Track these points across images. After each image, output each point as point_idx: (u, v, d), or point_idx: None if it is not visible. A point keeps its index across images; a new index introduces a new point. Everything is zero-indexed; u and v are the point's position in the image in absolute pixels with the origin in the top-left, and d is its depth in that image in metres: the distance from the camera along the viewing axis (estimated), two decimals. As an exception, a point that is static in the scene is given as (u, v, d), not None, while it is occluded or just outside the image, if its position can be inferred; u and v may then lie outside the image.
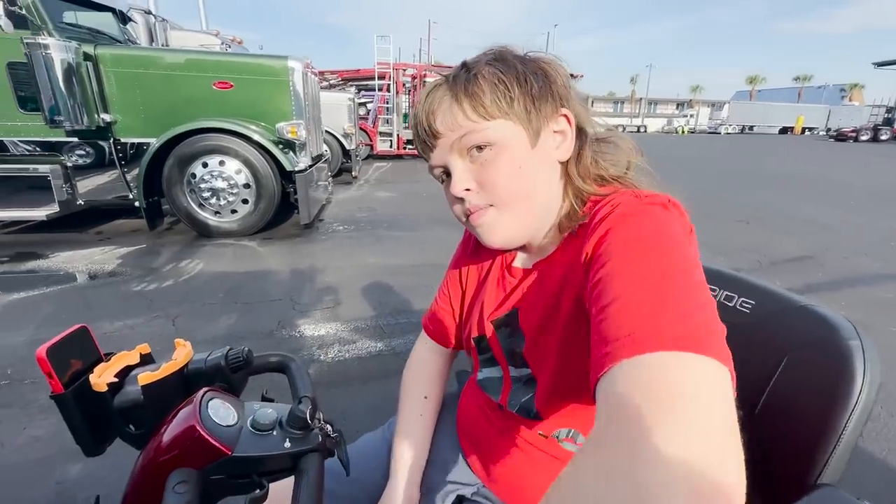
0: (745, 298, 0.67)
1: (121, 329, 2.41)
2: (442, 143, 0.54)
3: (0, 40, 3.59)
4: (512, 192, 0.53)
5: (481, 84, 0.51)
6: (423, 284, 3.13)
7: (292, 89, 4.35)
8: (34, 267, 3.41)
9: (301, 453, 0.44)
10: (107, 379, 0.51)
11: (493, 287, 0.65)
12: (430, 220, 5.21)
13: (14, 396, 1.83)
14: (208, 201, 4.15)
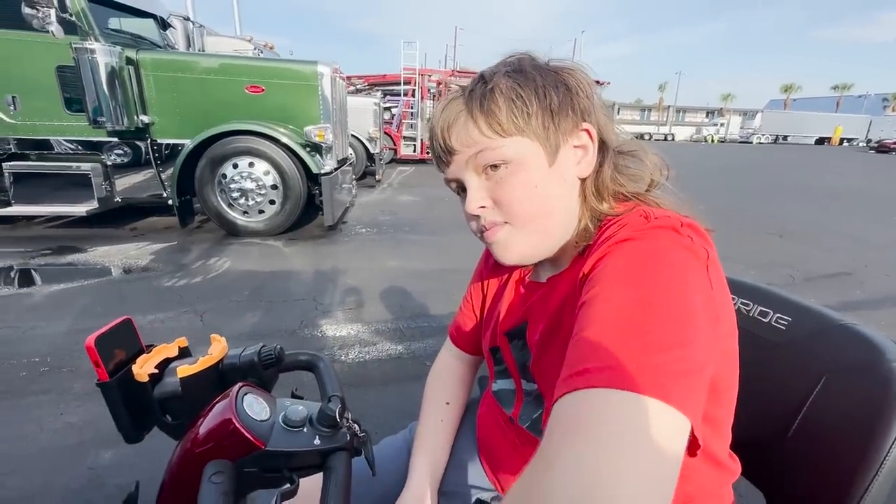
0: (780, 315, 0.65)
1: (152, 322, 2.50)
2: (457, 158, 0.53)
3: (51, 45, 3.78)
4: (527, 212, 0.52)
5: (497, 99, 0.50)
6: (443, 289, 3.14)
7: (321, 94, 4.45)
8: (73, 260, 3.57)
9: (330, 451, 0.45)
10: (148, 370, 0.53)
11: (509, 299, 0.65)
12: (452, 225, 5.22)
13: (52, 383, 1.92)
14: (237, 201, 4.27)
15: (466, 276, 3.06)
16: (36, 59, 3.92)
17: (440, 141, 0.54)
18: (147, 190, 4.47)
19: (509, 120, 0.50)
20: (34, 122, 4.06)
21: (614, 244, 0.44)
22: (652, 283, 0.38)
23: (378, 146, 8.83)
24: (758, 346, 0.65)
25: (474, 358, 0.80)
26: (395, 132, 12.51)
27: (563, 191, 0.53)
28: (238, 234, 4.36)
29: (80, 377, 1.98)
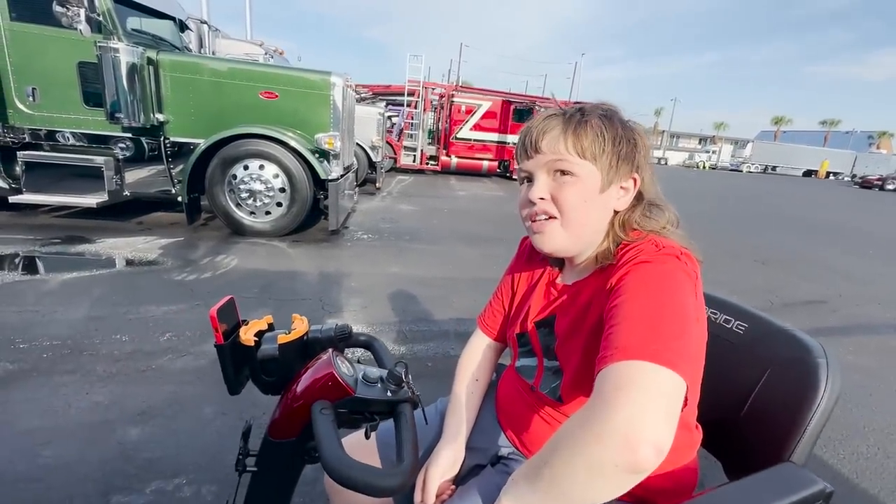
0: (739, 322, 0.82)
1: (166, 313, 2.62)
2: (539, 158, 0.70)
3: (75, 42, 3.92)
4: (573, 215, 0.69)
5: (587, 130, 0.67)
6: (443, 296, 3.29)
7: (332, 103, 4.63)
8: (83, 250, 3.67)
9: (398, 402, 0.61)
10: (249, 338, 0.68)
11: (540, 296, 0.81)
12: (451, 235, 5.40)
13: (76, 364, 2.03)
14: (245, 202, 4.41)
15: (464, 285, 3.35)
16: (58, 54, 4.05)
17: (533, 139, 0.70)
18: (154, 185, 4.59)
19: (589, 148, 0.67)
20: (51, 113, 4.17)
21: (635, 265, 0.61)
22: (663, 294, 0.56)
23: (380, 155, 9.02)
24: (721, 345, 0.82)
25: (498, 344, 0.96)
26: (396, 142, 12.74)
27: (601, 214, 0.70)
28: (244, 233, 4.48)
29: (101, 360, 2.09)
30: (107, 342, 2.25)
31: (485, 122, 13.38)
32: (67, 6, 3.55)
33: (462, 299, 3.28)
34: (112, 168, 4.30)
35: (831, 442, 1.98)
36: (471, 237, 5.37)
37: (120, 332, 2.36)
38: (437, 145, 13.59)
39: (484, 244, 5.08)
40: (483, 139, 13.48)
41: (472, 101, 13.32)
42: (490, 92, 14.14)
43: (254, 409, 1.79)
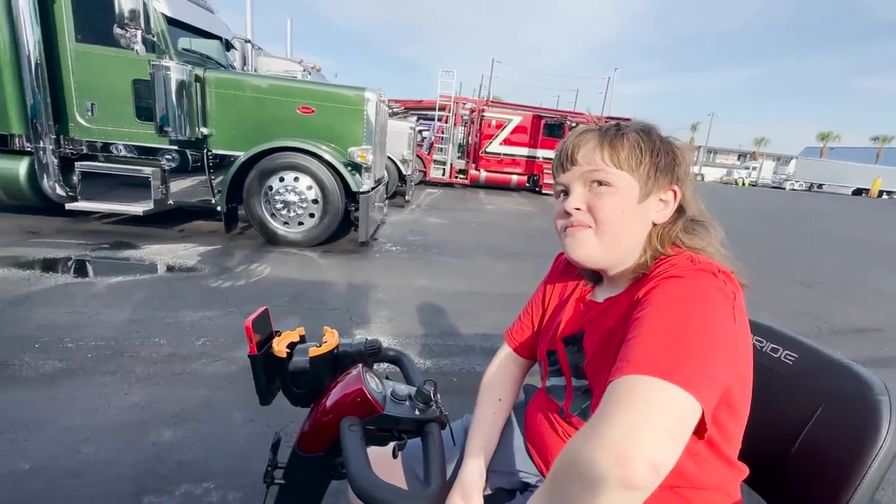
0: (788, 351, 0.77)
1: (201, 319, 2.71)
2: (575, 170, 0.69)
3: (131, 61, 4.20)
4: (609, 224, 0.67)
5: (624, 142, 0.67)
6: (469, 311, 3.27)
7: (366, 118, 4.76)
8: (128, 255, 3.87)
9: (426, 421, 0.60)
10: (282, 349, 0.69)
11: (570, 312, 0.79)
12: (479, 249, 5.38)
13: (117, 365, 2.12)
14: (280, 212, 4.55)
15: (491, 300, 3.30)
16: (116, 72, 4.34)
17: (568, 152, 0.70)
18: (195, 195, 4.81)
19: (626, 159, 0.67)
20: (107, 127, 4.46)
21: (665, 278, 0.58)
22: (689, 310, 0.52)
23: (410, 168, 9.16)
24: (768, 376, 0.77)
25: (526, 362, 0.94)
26: (427, 155, 12.91)
27: (638, 225, 0.69)
28: (277, 242, 4.61)
29: (139, 362, 2.17)
30: (146, 345, 2.34)
31: (515, 137, 13.40)
32: (126, 28, 3.81)
33: (489, 315, 3.25)
34: (158, 178, 4.53)
35: (892, 486, 1.82)
36: (498, 251, 5.33)
37: (158, 335, 2.46)
38: (467, 159, 13.68)
39: (512, 259, 5.04)
40: (513, 153, 13.48)
41: (502, 116, 13.39)
42: (521, 107, 14.17)
43: (281, 416, 1.82)
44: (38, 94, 4.12)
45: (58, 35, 4.18)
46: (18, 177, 4.30)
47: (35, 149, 4.25)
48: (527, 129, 13.40)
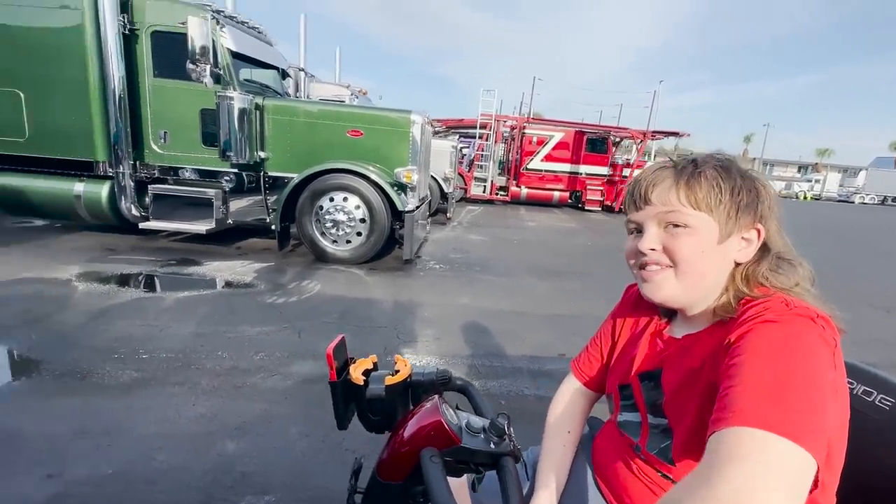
0: (884, 395, 0.72)
1: (258, 334, 2.85)
2: (649, 209, 0.68)
3: (201, 92, 4.56)
4: (688, 266, 0.66)
5: (701, 181, 0.64)
6: (513, 331, 3.24)
7: (412, 139, 4.90)
8: (193, 272, 4.15)
9: (501, 454, 0.61)
10: (359, 376, 0.73)
11: (645, 346, 0.78)
12: (521, 267, 5.34)
13: (185, 377, 2.27)
14: (329, 231, 4.74)
15: (536, 320, 3.26)
16: (186, 103, 4.72)
17: (642, 192, 0.69)
18: (251, 214, 5.11)
19: (704, 200, 0.64)
20: (177, 152, 4.85)
21: (759, 322, 0.56)
22: (792, 358, 0.50)
23: (451, 186, 9.28)
24: (862, 421, 0.72)
25: (594, 394, 0.92)
26: (467, 173, 13.04)
27: (720, 265, 0.66)
28: (326, 260, 4.79)
29: (205, 374, 2.31)
30: (210, 358, 2.49)
31: (556, 153, 13.30)
32: (197, 63, 4.17)
33: (534, 335, 3.20)
34: (220, 199, 4.86)
35: None
36: (542, 270, 5.26)
37: (221, 349, 2.61)
38: (507, 176, 13.68)
39: (555, 278, 4.95)
40: (554, 170, 13.36)
41: (543, 133, 13.34)
42: (562, 123, 14.07)
43: (334, 433, 1.87)
44: (121, 124, 4.55)
45: (138, 71, 4.63)
46: (101, 199, 4.74)
47: (116, 174, 4.68)
48: (569, 145, 13.26)
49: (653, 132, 13.56)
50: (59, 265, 3.97)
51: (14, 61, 4.49)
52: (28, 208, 4.93)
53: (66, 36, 4.42)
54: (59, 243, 4.80)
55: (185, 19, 4.22)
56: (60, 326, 2.75)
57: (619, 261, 4.94)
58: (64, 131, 4.63)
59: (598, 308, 3.95)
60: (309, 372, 2.42)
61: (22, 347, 2.47)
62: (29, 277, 3.59)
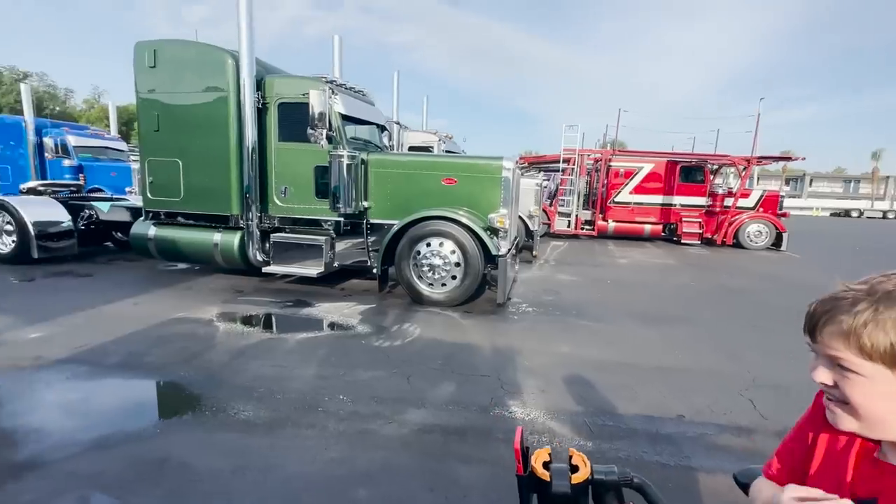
0: None
1: (371, 379, 3.04)
2: (816, 346, 0.65)
3: (316, 152, 5.14)
4: (864, 411, 0.61)
5: (881, 331, 0.56)
6: (622, 385, 3.07)
7: (503, 184, 5.04)
8: (308, 313, 4.57)
9: None
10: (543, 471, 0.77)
11: (852, 469, 0.72)
12: (620, 311, 5.08)
13: (314, 419, 2.49)
14: (426, 274, 4.96)
15: (647, 374, 3.05)
16: (303, 162, 5.35)
17: (812, 326, 0.64)
18: (352, 257, 5.56)
19: (883, 354, 0.57)
20: (294, 205, 5.47)
21: None
22: None
23: (537, 223, 9.25)
24: None
25: None
26: (550, 207, 12.90)
27: None
28: (422, 302, 5.00)
29: (330, 417, 2.51)
30: (333, 401, 2.70)
31: (647, 185, 12.67)
32: (316, 128, 4.75)
33: (647, 391, 3.01)
34: (328, 245, 5.36)
35: None
36: (644, 315, 4.96)
37: (341, 392, 2.82)
38: (593, 210, 13.28)
39: (661, 324, 4.63)
40: (644, 202, 12.70)
41: (631, 164, 12.85)
42: (651, 153, 13.46)
43: (455, 488, 1.91)
44: (252, 183, 5.28)
45: (267, 137, 5.38)
46: (233, 246, 5.47)
47: (246, 225, 5.40)
48: (660, 176, 12.58)
49: (758, 158, 12.39)
50: (203, 305, 4.61)
51: (176, 136, 5.47)
52: (178, 255, 5.85)
53: (213, 112, 5.30)
54: (199, 285, 5.59)
55: (306, 91, 4.87)
56: (210, 364, 3.18)
57: (728, 304, 4.57)
58: (208, 190, 5.48)
59: (712, 361, 3.63)
60: (422, 421, 2.52)
61: (185, 383, 2.89)
62: (182, 317, 4.22)
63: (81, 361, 3.14)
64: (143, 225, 5.80)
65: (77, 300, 4.57)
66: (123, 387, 2.90)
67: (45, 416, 2.47)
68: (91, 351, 3.32)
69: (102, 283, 5.49)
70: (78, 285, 5.38)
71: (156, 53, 5.36)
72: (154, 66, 5.37)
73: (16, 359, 3.12)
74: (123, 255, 7.15)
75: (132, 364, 3.15)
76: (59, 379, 2.89)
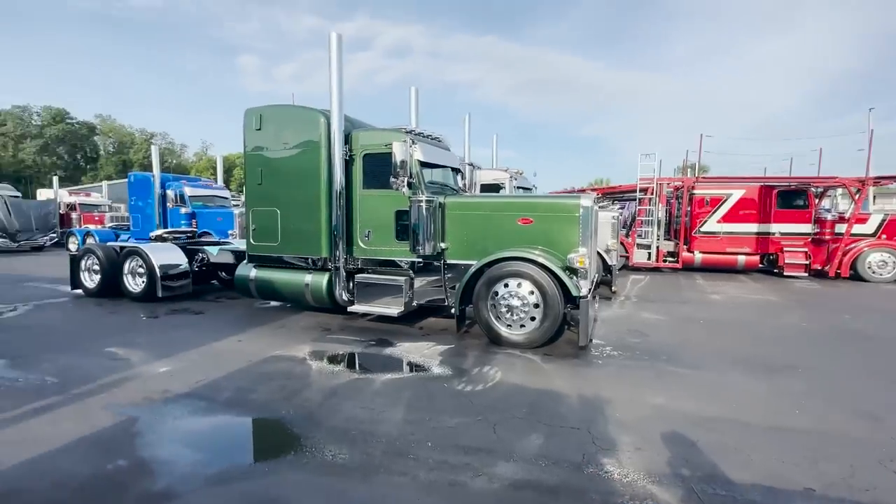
0: None
1: (457, 425, 3.05)
2: None
3: (397, 198, 5.45)
4: None
5: None
6: (733, 448, 2.77)
7: (581, 223, 4.95)
8: (390, 353, 4.73)
9: None
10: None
11: None
12: (718, 356, 4.64)
13: (406, 466, 2.54)
14: (504, 315, 4.94)
15: (760, 434, 2.80)
16: (385, 207, 5.68)
17: None
18: (428, 295, 5.69)
19: None
20: (376, 247, 5.79)
21: None
22: None
23: (614, 258, 8.86)
24: None
25: None
26: (628, 239, 12.32)
27: None
28: (500, 343, 4.95)
29: (421, 466, 2.55)
30: (421, 447, 2.74)
31: (738, 212, 11.68)
32: (397, 176, 5.07)
33: (762, 455, 2.68)
34: (408, 284, 5.56)
35: None
36: (749, 361, 4.47)
37: (427, 438, 2.86)
38: (676, 240, 12.45)
39: (771, 373, 4.15)
40: (736, 231, 11.67)
41: (718, 191, 11.96)
42: (740, 179, 12.46)
43: (555, 558, 1.82)
44: (340, 228, 5.70)
45: (353, 185, 5.82)
46: (322, 287, 5.89)
47: (334, 267, 5.81)
48: (754, 202, 11.53)
49: (875, 178, 10.91)
50: (296, 344, 4.97)
51: (275, 188, 6.12)
52: (274, 294, 6.42)
53: (307, 165, 5.86)
54: (291, 323, 6.04)
55: (389, 143, 5.24)
56: (307, 404, 3.39)
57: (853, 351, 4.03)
58: (301, 235, 6.01)
59: (840, 421, 3.17)
60: (512, 476, 2.46)
61: (286, 422, 3.11)
62: (279, 355, 4.58)
63: (200, 396, 3.52)
64: (246, 267, 6.48)
65: (193, 337, 5.16)
66: (235, 423, 3.19)
67: (174, 449, 2.79)
68: (207, 386, 3.71)
69: (212, 321, 6.15)
70: (193, 322, 6.08)
71: (261, 117, 6.12)
72: (260, 128, 6.12)
73: (149, 392, 3.58)
74: (226, 293, 7.98)
75: (241, 401, 3.46)
76: (184, 413, 3.25)
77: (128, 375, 3.95)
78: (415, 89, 7.85)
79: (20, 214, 16.75)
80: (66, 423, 3.06)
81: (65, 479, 2.41)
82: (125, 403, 3.37)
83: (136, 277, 7.36)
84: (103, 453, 2.67)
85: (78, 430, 2.92)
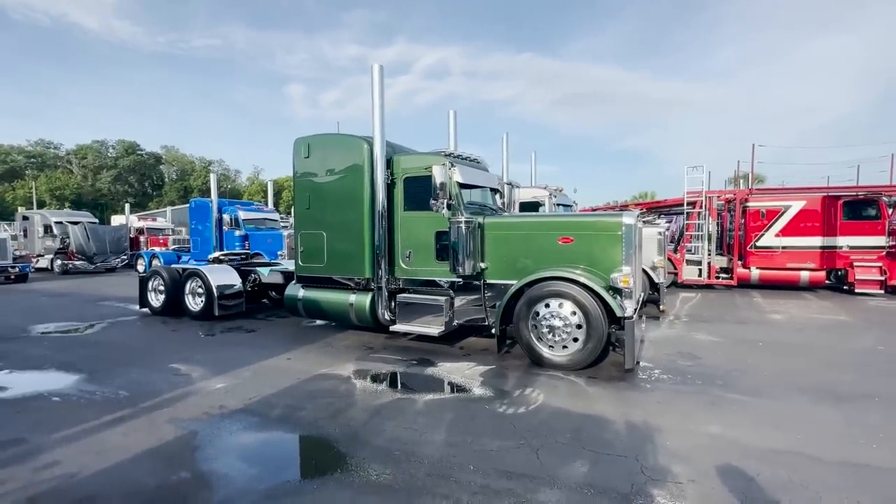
0: None
1: (499, 448, 3.02)
2: None
3: (437, 219, 5.56)
4: None
5: None
6: (800, 486, 2.57)
7: (623, 241, 4.83)
8: (431, 373, 4.77)
9: None
10: None
11: None
12: (781, 383, 4.32)
13: (449, 489, 2.54)
14: (545, 336, 4.87)
15: (830, 471, 2.68)
16: (425, 228, 5.80)
17: None
18: (467, 315, 5.70)
19: None
20: (417, 267, 5.91)
21: None
22: None
23: (662, 275, 8.52)
24: None
25: None
26: (676, 255, 11.80)
27: None
28: (542, 364, 4.87)
29: (464, 490, 2.54)
30: (462, 471, 2.74)
31: (798, 225, 10.93)
32: (438, 198, 5.19)
33: (836, 494, 2.47)
34: (448, 304, 5.61)
35: None
36: (817, 389, 4.14)
37: (469, 461, 2.85)
38: (729, 256, 11.79)
39: (843, 402, 3.81)
40: (797, 245, 10.90)
41: (774, 204, 11.27)
42: (799, 189, 11.70)
43: None
44: (383, 249, 5.88)
45: (394, 208, 6.01)
46: (365, 306, 6.06)
47: (376, 287, 5.97)
48: (816, 214, 10.75)
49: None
50: (341, 362, 5.13)
51: (322, 212, 6.42)
52: (321, 313, 6.67)
53: (351, 189, 6.12)
54: (336, 342, 6.23)
55: (429, 166, 5.39)
56: (352, 422, 3.48)
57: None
58: (346, 257, 6.24)
59: (934, 462, 2.84)
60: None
61: (332, 440, 3.21)
62: (325, 373, 4.74)
63: (253, 412, 3.70)
64: (294, 287, 6.79)
65: (246, 354, 5.45)
66: (285, 440, 3.32)
67: (230, 463, 2.94)
68: (259, 402, 3.90)
69: (263, 339, 6.46)
70: (246, 340, 6.42)
71: (309, 146, 6.49)
72: (308, 156, 6.48)
73: (207, 407, 3.81)
74: (276, 311, 8.36)
75: (290, 418, 3.61)
76: (239, 428, 3.43)
77: (189, 391, 4.22)
78: (453, 112, 8.05)
79: (97, 239, 18.41)
80: (136, 434, 3.31)
81: (135, 488, 2.61)
82: (186, 418, 3.60)
83: (195, 297, 7.88)
84: (168, 465, 2.87)
85: (147, 442, 3.16)
